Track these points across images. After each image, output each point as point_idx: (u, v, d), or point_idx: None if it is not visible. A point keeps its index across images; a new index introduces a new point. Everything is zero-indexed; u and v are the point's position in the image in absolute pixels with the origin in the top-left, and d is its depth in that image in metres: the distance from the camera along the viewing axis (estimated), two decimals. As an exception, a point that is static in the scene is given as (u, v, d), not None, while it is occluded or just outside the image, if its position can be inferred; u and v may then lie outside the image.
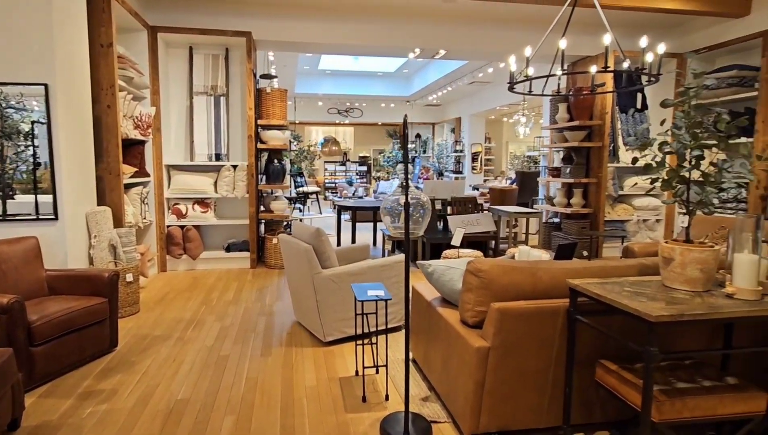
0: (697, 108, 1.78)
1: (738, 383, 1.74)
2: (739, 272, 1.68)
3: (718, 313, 1.55)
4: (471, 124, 12.81)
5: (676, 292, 1.76)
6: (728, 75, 4.59)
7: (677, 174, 1.84)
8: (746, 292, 1.65)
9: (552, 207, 6.12)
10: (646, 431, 1.58)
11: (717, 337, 2.09)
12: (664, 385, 1.74)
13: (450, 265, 2.58)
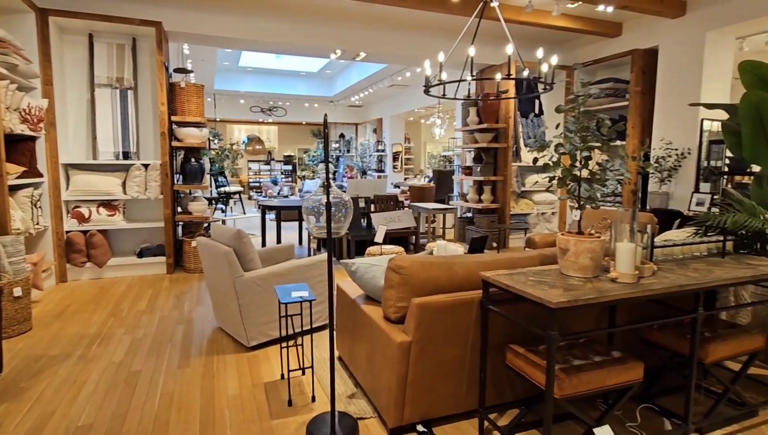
0: (584, 114, 1.92)
1: (621, 356, 1.91)
2: (620, 259, 1.85)
3: (605, 296, 1.69)
4: (392, 125, 12.98)
5: (572, 279, 1.89)
6: (606, 86, 5.11)
7: (570, 172, 1.97)
8: (626, 277, 1.82)
9: (465, 203, 6.40)
10: (550, 406, 1.68)
11: (604, 317, 2.30)
12: (563, 363, 1.86)
13: (372, 262, 2.56)
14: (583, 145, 1.91)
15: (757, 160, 2.58)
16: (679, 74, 4.53)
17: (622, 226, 1.89)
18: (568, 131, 1.95)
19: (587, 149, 1.91)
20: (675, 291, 1.80)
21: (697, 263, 2.14)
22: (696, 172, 4.37)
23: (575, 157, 1.95)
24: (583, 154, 1.92)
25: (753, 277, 1.96)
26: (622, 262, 1.84)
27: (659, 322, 1.91)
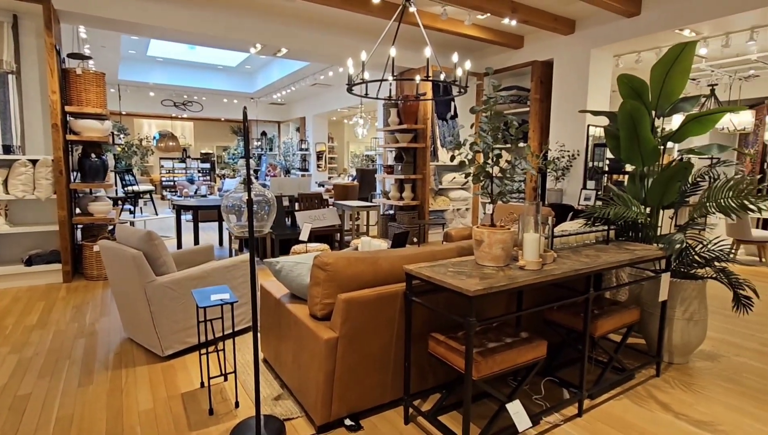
0: (495, 115, 2.03)
1: (528, 336, 2.06)
2: (527, 248, 1.99)
3: (516, 282, 1.80)
4: (315, 124, 12.76)
5: (486, 268, 2.00)
6: (510, 93, 5.51)
7: (483, 169, 2.08)
8: (532, 264, 1.97)
9: (387, 200, 6.50)
10: (469, 387, 1.76)
11: (513, 302, 2.46)
12: (479, 347, 1.96)
13: (298, 260, 2.48)
14: (495, 143, 2.02)
15: (631, 161, 2.94)
16: (570, 84, 5.02)
17: (527, 218, 2.04)
18: (482, 131, 2.05)
19: (499, 148, 2.02)
20: (572, 275, 1.99)
21: (587, 250, 2.39)
22: (584, 171, 4.88)
23: (488, 154, 2.06)
24: (494, 152, 2.03)
25: (630, 260, 2.23)
26: (529, 250, 1.99)
27: (558, 303, 2.09)
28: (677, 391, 2.35)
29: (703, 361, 2.69)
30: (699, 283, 2.56)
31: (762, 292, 4.12)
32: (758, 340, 3.01)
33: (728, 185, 2.48)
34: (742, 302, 2.56)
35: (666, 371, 2.57)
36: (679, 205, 2.84)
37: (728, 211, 2.44)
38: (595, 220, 2.83)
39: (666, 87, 2.81)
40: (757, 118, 6.58)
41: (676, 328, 2.59)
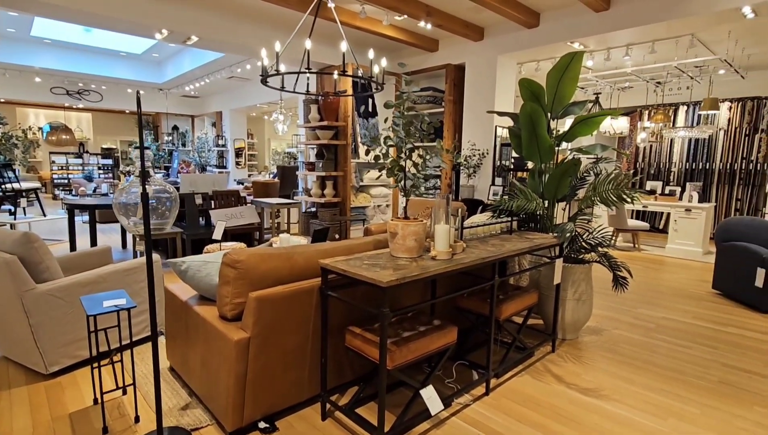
0: (409, 110, 2.05)
1: (440, 323, 2.12)
2: (438, 239, 2.04)
3: (428, 272, 1.84)
4: (232, 119, 12.07)
5: (400, 260, 2.01)
6: (426, 94, 5.68)
7: (398, 163, 2.09)
8: (443, 254, 2.02)
9: (309, 197, 6.35)
10: (383, 377, 1.75)
11: (427, 291, 2.52)
12: (394, 337, 1.97)
13: (207, 259, 2.29)
14: (408, 138, 2.04)
15: (531, 158, 3.18)
16: (480, 88, 5.31)
17: (439, 211, 2.09)
18: (395, 125, 2.05)
19: (412, 142, 2.04)
20: (479, 263, 2.08)
21: (493, 240, 2.52)
22: (492, 168, 5.20)
23: (401, 149, 2.07)
24: (407, 147, 2.04)
25: (530, 247, 2.40)
26: (440, 241, 2.04)
27: (468, 290, 2.18)
28: (569, 364, 2.59)
29: (590, 336, 2.99)
30: (586, 267, 2.84)
31: (635, 273, 4.72)
32: (632, 314, 3.43)
33: (609, 179, 2.78)
34: (620, 282, 2.89)
35: (560, 347, 2.82)
36: (570, 198, 3.13)
37: (608, 202, 2.74)
38: (501, 212, 3.00)
39: (559, 92, 3.07)
40: (631, 124, 7.54)
41: (567, 308, 2.85)
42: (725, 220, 3.94)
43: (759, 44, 5.12)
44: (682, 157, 6.93)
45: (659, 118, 6.06)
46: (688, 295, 3.92)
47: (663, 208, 5.74)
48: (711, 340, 2.95)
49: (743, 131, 6.30)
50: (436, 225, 2.06)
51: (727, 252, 3.81)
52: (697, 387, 2.33)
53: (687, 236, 5.52)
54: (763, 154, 6.14)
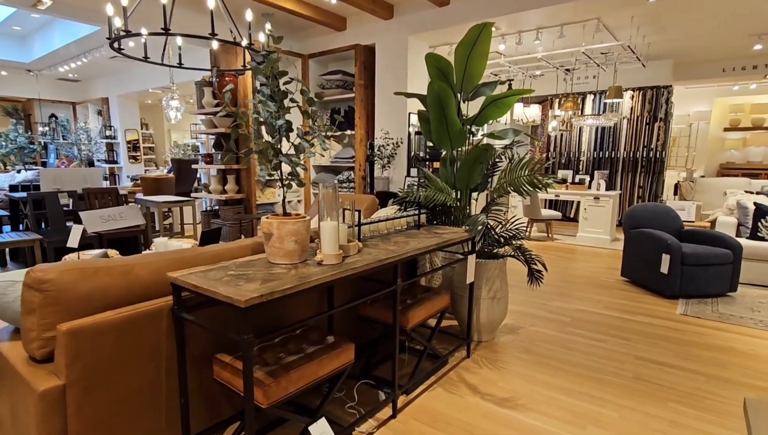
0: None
1: (334, 341, 1.80)
2: (325, 239, 1.72)
3: (307, 282, 1.50)
4: (122, 107, 10.73)
5: (278, 267, 1.66)
6: (336, 78, 5.33)
7: (271, 146, 1.72)
8: (331, 257, 1.70)
9: (209, 194, 5.70)
10: (251, 421, 1.40)
11: (323, 300, 2.19)
12: (273, 364, 1.61)
13: (16, 278, 1.74)
14: (280, 111, 1.68)
15: (441, 144, 2.99)
16: (391, 71, 5.08)
17: (325, 204, 1.76)
18: (261, 95, 1.68)
19: (285, 116, 1.69)
20: (376, 266, 1.79)
21: (398, 237, 2.26)
22: (407, 159, 5.02)
23: (273, 126, 1.70)
24: (279, 123, 1.69)
25: (438, 244, 2.17)
26: (327, 242, 1.71)
27: (370, 297, 1.89)
28: (484, 370, 2.43)
29: (506, 335, 2.89)
30: (500, 262, 2.71)
31: (549, 264, 4.83)
32: (547, 308, 3.42)
33: (521, 165, 2.66)
34: (535, 277, 2.80)
35: (475, 350, 2.66)
36: (483, 187, 2.99)
37: (521, 190, 2.62)
38: (408, 205, 2.77)
39: (469, 69, 2.90)
40: (543, 113, 7.88)
41: (482, 308, 2.70)
42: (632, 208, 4.12)
43: (658, 32, 5.52)
44: (590, 146, 7.38)
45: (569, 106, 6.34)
46: (599, 284, 4.05)
47: (573, 196, 6.01)
48: (623, 331, 2.99)
49: (644, 120, 6.84)
50: (322, 222, 1.73)
51: (635, 239, 3.99)
52: (614, 386, 2.28)
53: (596, 224, 5.83)
54: (662, 143, 6.73)
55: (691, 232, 3.97)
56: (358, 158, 5.31)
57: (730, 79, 7.37)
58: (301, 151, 1.74)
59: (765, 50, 6.26)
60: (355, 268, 1.69)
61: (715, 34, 5.65)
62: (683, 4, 4.59)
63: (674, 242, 3.57)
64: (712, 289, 3.61)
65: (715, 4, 4.60)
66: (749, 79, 7.22)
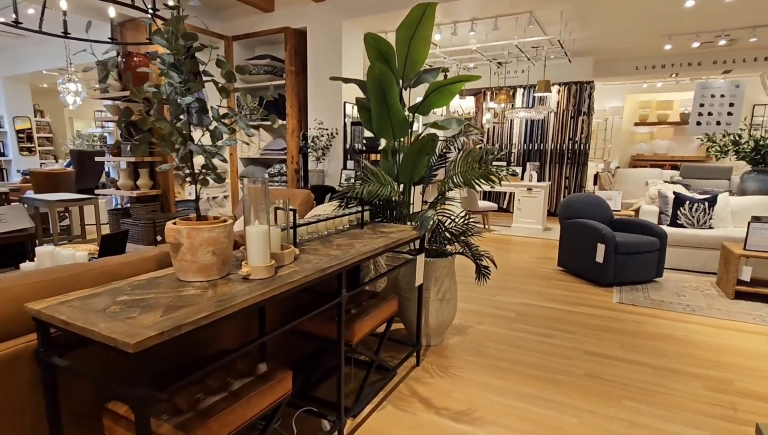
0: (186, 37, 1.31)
1: (268, 370, 1.48)
2: (251, 248, 1.38)
3: (229, 307, 1.16)
4: (9, 91, 9.18)
5: (189, 286, 1.29)
6: (263, 63, 4.86)
7: (176, 130, 1.33)
8: (260, 270, 1.37)
9: (117, 190, 4.95)
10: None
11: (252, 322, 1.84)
12: (187, 410, 1.25)
13: None
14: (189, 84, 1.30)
15: (383, 133, 2.73)
16: (324, 58, 4.72)
17: (252, 204, 1.42)
18: (163, 64, 1.29)
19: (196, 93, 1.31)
20: (316, 278, 1.48)
21: (340, 238, 1.96)
22: (343, 150, 4.71)
23: (179, 105, 1.32)
24: (186, 101, 1.31)
25: (386, 245, 1.91)
26: (255, 251, 1.37)
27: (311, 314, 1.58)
28: (436, 379, 2.23)
29: (455, 337, 2.72)
30: (449, 260, 2.52)
31: (490, 255, 4.81)
32: (492, 303, 3.32)
33: (473, 155, 2.48)
34: (482, 273, 2.66)
35: (425, 356, 2.46)
36: (428, 180, 2.78)
37: (473, 183, 2.44)
38: (349, 200, 2.48)
39: (411, 53, 2.66)
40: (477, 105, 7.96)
41: (431, 310, 2.50)
42: (567, 198, 4.18)
43: (583, 29, 5.70)
44: (521, 139, 7.57)
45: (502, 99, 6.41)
46: (538, 275, 4.06)
47: (508, 188, 6.09)
48: (567, 324, 2.96)
49: (569, 114, 7.13)
50: (249, 227, 1.39)
51: (570, 229, 4.04)
52: (568, 386, 2.19)
53: (529, 215, 5.95)
54: (585, 135, 7.06)
55: (621, 221, 4.11)
56: (290, 150, 4.89)
57: (642, 77, 7.94)
58: (218, 137, 1.38)
59: (673, 50, 6.78)
60: (293, 282, 1.37)
61: (631, 34, 5.98)
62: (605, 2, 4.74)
63: (608, 232, 3.65)
64: (642, 276, 3.76)
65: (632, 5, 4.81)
66: (658, 77, 7.83)
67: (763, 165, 5.25)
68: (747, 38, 6.05)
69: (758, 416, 1.95)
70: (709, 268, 4.14)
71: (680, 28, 5.68)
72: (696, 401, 2.07)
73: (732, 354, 2.55)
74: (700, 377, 2.28)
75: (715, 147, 5.63)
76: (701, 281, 3.93)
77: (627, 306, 3.29)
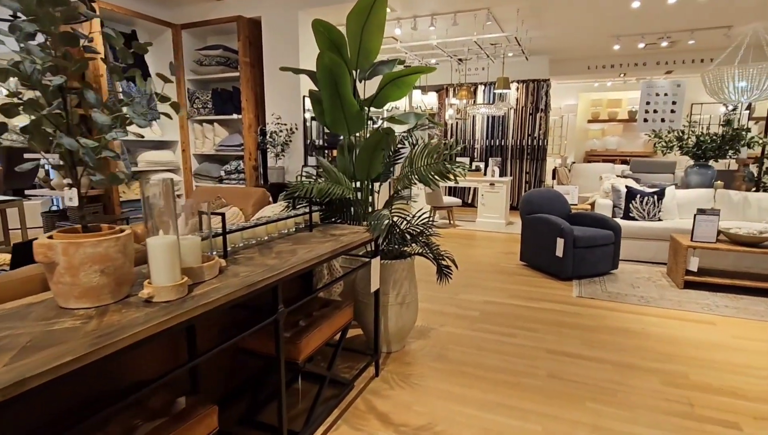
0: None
1: (185, 407, 1.18)
2: (155, 264, 1.07)
3: (110, 345, 0.86)
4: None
5: (68, 316, 0.97)
6: (216, 54, 4.45)
7: (45, 118, 1.01)
8: (167, 291, 1.07)
9: (52, 191, 4.40)
10: None
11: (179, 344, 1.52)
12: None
13: None
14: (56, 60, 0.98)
15: (337, 128, 2.45)
16: (280, 50, 4.36)
17: (154, 210, 1.11)
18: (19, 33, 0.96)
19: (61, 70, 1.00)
20: (243, 295, 1.20)
21: (283, 243, 1.68)
22: (304, 146, 4.38)
23: (45, 87, 1.00)
24: (55, 82, 0.99)
25: (334, 251, 1.64)
26: (158, 268, 1.07)
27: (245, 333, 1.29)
28: (396, 390, 1.99)
29: (417, 341, 2.49)
30: (408, 262, 2.29)
31: (454, 253, 4.63)
32: (455, 302, 3.13)
33: (427, 150, 2.24)
34: (444, 273, 2.44)
35: (385, 365, 2.22)
36: (386, 177, 2.52)
37: (428, 180, 2.20)
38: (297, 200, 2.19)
39: (364, 42, 2.38)
40: (439, 101, 7.77)
41: (391, 315, 2.26)
42: (527, 193, 4.04)
43: (538, 27, 5.59)
44: (483, 135, 7.45)
45: (463, 95, 6.24)
46: (501, 271, 3.91)
47: (471, 183, 5.94)
48: (530, 321, 2.80)
49: (528, 111, 7.06)
50: (151, 239, 1.08)
51: (531, 224, 3.91)
52: (531, 390, 2.01)
53: (492, 209, 5.83)
54: (543, 132, 7.01)
55: (578, 215, 4.01)
56: (247, 146, 4.51)
57: (593, 77, 7.99)
58: (102, 128, 1.06)
59: (621, 51, 6.82)
60: (207, 304, 1.08)
61: (582, 34, 5.94)
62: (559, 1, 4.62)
63: (567, 226, 3.53)
64: (599, 268, 3.67)
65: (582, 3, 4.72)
66: (608, 76, 7.90)
67: (704, 160, 5.34)
68: (686, 40, 6.14)
69: (714, 410, 1.85)
70: (660, 258, 4.12)
71: (627, 29, 5.68)
72: (655, 398, 1.94)
73: (685, 345, 2.46)
74: (658, 372, 2.17)
75: (662, 143, 5.69)
76: (653, 272, 3.89)
77: (586, 300, 3.18)
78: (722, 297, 3.26)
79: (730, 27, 5.45)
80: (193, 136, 4.83)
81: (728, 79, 3.89)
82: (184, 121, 4.74)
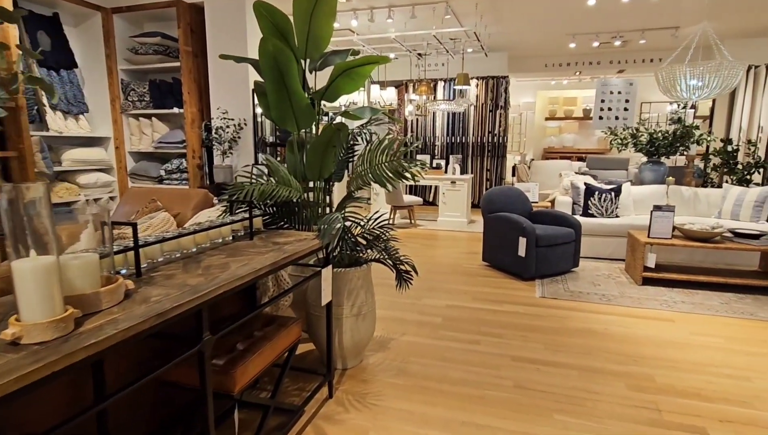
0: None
1: (78, 471, 0.95)
2: (24, 295, 0.84)
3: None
4: None
5: None
6: (154, 41, 4.08)
7: None
8: (37, 330, 0.83)
9: (-40, 195, 3.87)
10: None
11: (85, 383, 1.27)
12: None
13: None
14: None
15: (285, 122, 2.24)
16: (225, 38, 4.06)
17: (13, 226, 0.87)
18: None
19: None
20: (151, 326, 0.98)
21: (215, 256, 1.46)
22: (254, 143, 4.11)
23: None
24: None
25: (275, 263, 1.44)
26: (28, 300, 0.84)
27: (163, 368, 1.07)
28: (352, 413, 1.82)
29: (376, 354, 2.34)
30: (364, 269, 2.12)
31: (415, 254, 4.51)
32: (417, 308, 3.00)
33: (380, 147, 2.08)
34: (404, 278, 2.29)
35: (341, 383, 2.04)
36: (340, 177, 2.34)
37: (383, 180, 2.04)
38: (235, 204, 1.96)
39: (313, 29, 2.18)
40: (399, 97, 7.66)
41: (345, 329, 2.08)
42: (488, 192, 3.98)
43: (497, 23, 5.58)
44: (444, 132, 7.41)
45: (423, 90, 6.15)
46: (464, 272, 3.83)
47: (432, 181, 5.86)
48: (494, 326, 2.71)
49: (488, 107, 7.08)
50: (16, 263, 0.85)
51: (493, 223, 3.85)
52: (497, 403, 1.90)
53: (454, 208, 5.78)
54: (503, 129, 7.06)
55: (539, 214, 4.01)
56: (191, 143, 4.17)
57: (550, 75, 8.15)
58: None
59: (577, 49, 6.98)
60: (98, 343, 0.86)
61: (539, 31, 6.00)
62: (520, -5, 4.61)
63: (529, 226, 3.49)
64: (560, 267, 3.67)
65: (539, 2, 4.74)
66: (564, 75, 8.09)
67: (657, 157, 5.54)
68: (637, 40, 6.36)
69: (681, 415, 1.81)
70: (618, 254, 4.20)
71: (583, 28, 5.80)
72: (622, 405, 1.88)
73: (648, 345, 2.45)
74: (623, 375, 2.13)
75: (617, 140, 5.86)
76: (612, 268, 3.95)
77: (549, 300, 3.15)
78: (678, 292, 3.34)
79: (678, 28, 5.69)
80: (128, 131, 4.42)
81: (680, 76, 4.01)
82: (117, 114, 4.32)
